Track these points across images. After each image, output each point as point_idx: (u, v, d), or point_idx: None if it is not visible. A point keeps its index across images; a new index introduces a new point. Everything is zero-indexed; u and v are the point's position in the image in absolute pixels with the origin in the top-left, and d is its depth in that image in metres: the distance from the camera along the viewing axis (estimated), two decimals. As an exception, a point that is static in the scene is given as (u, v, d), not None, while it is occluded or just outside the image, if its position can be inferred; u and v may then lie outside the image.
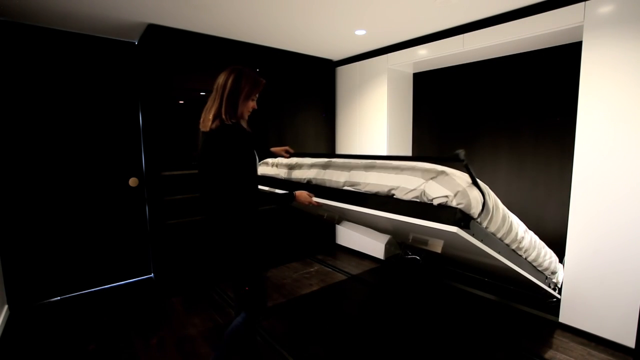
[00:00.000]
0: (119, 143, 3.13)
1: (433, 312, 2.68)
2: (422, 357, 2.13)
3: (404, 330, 2.43)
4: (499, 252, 1.74)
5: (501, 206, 1.72)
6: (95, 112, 3.01)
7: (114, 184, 3.13)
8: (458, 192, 1.39)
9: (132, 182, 3.21)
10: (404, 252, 3.63)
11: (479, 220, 1.52)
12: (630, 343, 2.09)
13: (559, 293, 2.41)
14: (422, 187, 1.48)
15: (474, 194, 1.44)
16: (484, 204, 1.49)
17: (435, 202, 1.42)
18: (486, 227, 1.63)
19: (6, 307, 2.67)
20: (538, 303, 2.59)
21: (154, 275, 3.35)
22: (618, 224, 2.08)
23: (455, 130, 3.45)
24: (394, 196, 1.58)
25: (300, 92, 3.76)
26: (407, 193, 1.53)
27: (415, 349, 2.20)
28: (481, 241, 1.57)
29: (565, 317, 2.36)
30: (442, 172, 1.48)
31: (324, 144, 4.02)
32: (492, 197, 1.64)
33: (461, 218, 1.39)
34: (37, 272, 2.84)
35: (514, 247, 1.91)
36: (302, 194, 1.80)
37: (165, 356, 2.14)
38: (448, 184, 1.43)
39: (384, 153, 3.53)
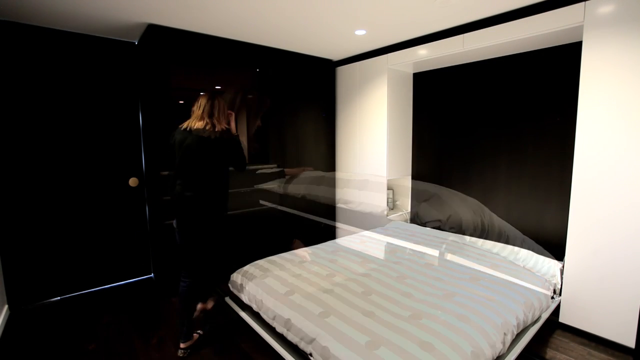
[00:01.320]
0: (119, 143, 3.13)
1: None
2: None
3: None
4: (496, 268, 1.74)
5: (497, 222, 1.71)
6: (96, 112, 3.01)
7: (114, 184, 3.13)
8: (450, 215, 1.39)
9: (132, 182, 3.21)
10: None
11: (473, 240, 1.51)
12: (630, 343, 2.09)
13: (559, 294, 2.41)
14: (415, 209, 1.48)
15: (467, 216, 1.43)
16: (478, 225, 1.48)
17: (429, 226, 1.42)
18: (481, 246, 1.62)
19: (6, 307, 2.67)
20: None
21: (154, 275, 3.35)
22: (618, 223, 2.08)
23: (455, 130, 3.44)
24: (387, 216, 1.58)
25: (300, 92, 3.75)
26: (400, 214, 1.52)
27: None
28: (476, 260, 1.57)
29: (565, 317, 2.36)
30: (435, 195, 1.47)
31: (324, 144, 4.01)
32: (487, 215, 1.63)
33: (454, 241, 1.39)
34: (37, 272, 2.84)
35: (511, 258, 1.91)
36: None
37: (165, 356, 2.14)
38: (441, 207, 1.42)
39: (384, 153, 3.52)
